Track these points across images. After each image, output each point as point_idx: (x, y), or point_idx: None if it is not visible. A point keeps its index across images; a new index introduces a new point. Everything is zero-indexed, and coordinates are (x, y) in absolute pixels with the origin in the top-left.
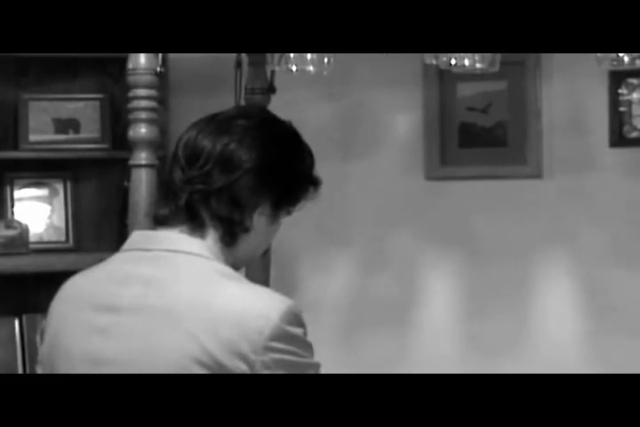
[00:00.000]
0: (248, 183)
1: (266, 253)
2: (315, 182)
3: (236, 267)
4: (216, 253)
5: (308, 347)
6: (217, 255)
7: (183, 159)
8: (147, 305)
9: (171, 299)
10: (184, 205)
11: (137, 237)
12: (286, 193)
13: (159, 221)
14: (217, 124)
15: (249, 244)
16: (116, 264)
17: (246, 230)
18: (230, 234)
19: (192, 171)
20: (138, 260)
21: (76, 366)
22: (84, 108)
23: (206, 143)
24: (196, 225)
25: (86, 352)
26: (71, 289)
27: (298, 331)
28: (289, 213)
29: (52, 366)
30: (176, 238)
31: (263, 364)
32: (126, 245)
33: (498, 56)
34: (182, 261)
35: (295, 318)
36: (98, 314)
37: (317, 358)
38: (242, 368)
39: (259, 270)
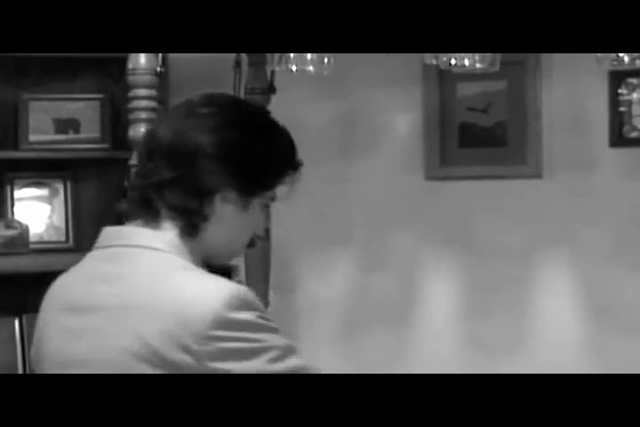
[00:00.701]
0: (204, 170)
1: (252, 245)
2: (292, 165)
3: (216, 260)
4: (177, 245)
5: (262, 329)
6: (179, 248)
7: (143, 153)
8: (107, 304)
9: (125, 296)
10: (139, 198)
11: (104, 233)
12: (254, 177)
13: (121, 217)
14: (178, 114)
15: (218, 234)
16: (87, 263)
17: (205, 219)
18: (190, 225)
19: (149, 164)
20: (102, 257)
21: (50, 367)
22: (84, 108)
23: (160, 135)
24: (150, 218)
25: (59, 354)
26: (52, 291)
27: (245, 315)
28: (272, 199)
29: (37, 368)
30: (133, 233)
31: (208, 354)
32: (97, 242)
33: (498, 56)
34: (136, 256)
35: (241, 303)
36: (68, 315)
37: (317, 356)
38: (187, 360)
39: (259, 270)
